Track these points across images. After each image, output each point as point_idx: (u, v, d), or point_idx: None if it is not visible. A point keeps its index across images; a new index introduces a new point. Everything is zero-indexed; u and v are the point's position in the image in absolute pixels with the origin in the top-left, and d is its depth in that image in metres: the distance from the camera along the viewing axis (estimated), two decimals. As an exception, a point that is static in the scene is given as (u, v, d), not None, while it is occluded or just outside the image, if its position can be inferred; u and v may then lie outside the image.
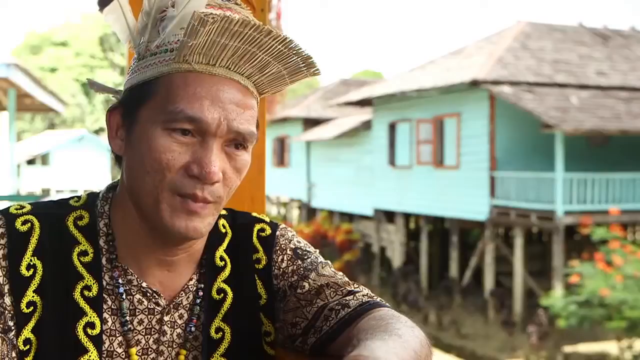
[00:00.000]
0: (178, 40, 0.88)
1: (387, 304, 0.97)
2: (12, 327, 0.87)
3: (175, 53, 0.87)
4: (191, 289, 0.97)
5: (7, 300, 0.88)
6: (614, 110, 15.67)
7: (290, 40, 0.88)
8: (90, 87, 1.01)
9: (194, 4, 0.87)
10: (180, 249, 0.94)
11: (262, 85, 0.94)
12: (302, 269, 1.02)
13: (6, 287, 0.88)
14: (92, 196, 0.99)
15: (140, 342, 0.94)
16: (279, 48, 0.88)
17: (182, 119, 0.85)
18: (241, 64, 0.89)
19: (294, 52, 0.90)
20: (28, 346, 0.87)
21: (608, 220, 13.89)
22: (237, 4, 0.95)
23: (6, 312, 0.87)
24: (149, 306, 0.94)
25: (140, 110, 0.89)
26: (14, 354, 0.86)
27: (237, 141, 0.89)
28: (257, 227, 1.06)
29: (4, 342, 0.86)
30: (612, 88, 16.88)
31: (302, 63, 0.92)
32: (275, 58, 0.90)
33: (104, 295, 0.92)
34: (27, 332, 0.87)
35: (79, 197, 0.99)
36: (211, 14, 0.84)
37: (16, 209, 0.93)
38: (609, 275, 12.22)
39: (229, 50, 0.87)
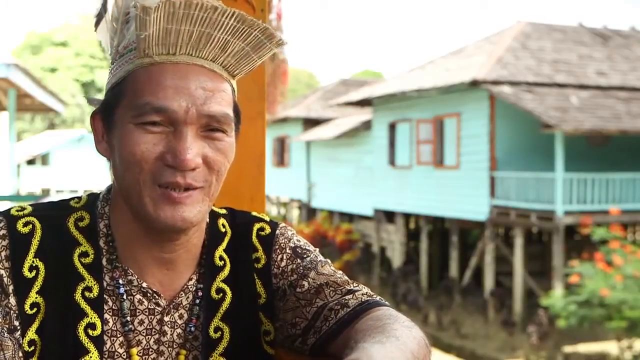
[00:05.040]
0: None
1: (386, 302, 0.97)
2: (18, 327, 0.87)
3: (137, 49, 0.88)
4: (191, 289, 0.98)
5: (12, 300, 0.88)
6: (613, 110, 15.67)
7: (240, 14, 0.88)
8: (90, 103, 1.02)
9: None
10: (177, 244, 0.94)
11: (231, 66, 0.93)
12: (301, 267, 1.02)
13: (10, 288, 0.88)
14: (92, 197, 0.99)
15: (141, 343, 0.94)
16: (232, 24, 0.88)
17: (150, 111, 0.86)
18: (201, 47, 0.89)
19: (248, 25, 0.89)
20: (33, 347, 0.88)
21: (608, 220, 13.89)
22: None
23: (12, 312, 0.88)
24: (149, 306, 0.94)
25: (115, 111, 0.90)
26: (20, 354, 0.87)
27: (212, 125, 0.88)
28: (257, 226, 1.06)
29: (12, 342, 0.86)
30: (612, 88, 16.88)
31: (262, 35, 0.91)
32: (232, 35, 0.90)
33: (105, 296, 0.92)
34: (31, 334, 0.88)
35: (79, 198, 0.99)
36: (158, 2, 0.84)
37: (17, 211, 0.94)
38: (609, 275, 12.23)
39: (185, 36, 0.87)
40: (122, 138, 0.88)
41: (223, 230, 1.03)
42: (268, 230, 1.05)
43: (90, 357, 0.89)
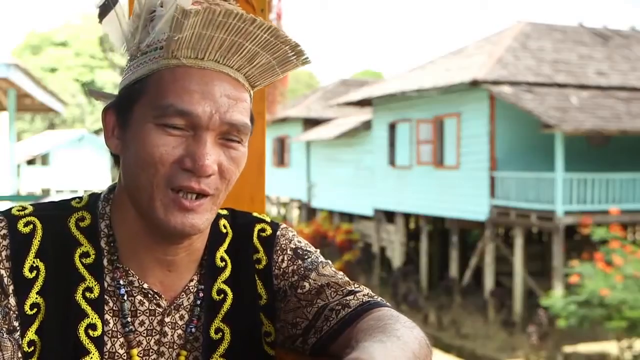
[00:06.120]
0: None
1: (387, 303, 0.97)
2: (17, 328, 0.87)
3: (164, 49, 0.87)
4: (192, 290, 0.98)
5: (12, 301, 0.88)
6: (614, 110, 15.67)
7: (275, 28, 0.89)
8: (90, 94, 1.02)
9: (181, 1, 0.87)
10: (180, 247, 0.94)
11: (254, 77, 0.94)
12: (302, 268, 1.02)
13: (10, 288, 0.88)
14: (93, 197, 0.99)
15: (142, 344, 0.94)
16: (266, 37, 0.89)
17: (173, 113, 0.86)
18: (229, 56, 0.89)
19: (281, 40, 0.90)
20: (32, 348, 0.88)
21: (608, 220, 13.89)
22: None
23: (11, 312, 0.87)
24: (150, 307, 0.94)
25: (134, 108, 0.89)
26: (19, 355, 0.86)
27: (231, 134, 0.89)
28: (258, 227, 1.05)
29: (11, 343, 0.86)
30: (612, 88, 16.87)
31: (291, 52, 0.92)
32: (263, 48, 0.90)
33: (106, 296, 0.92)
34: (31, 334, 0.88)
35: (80, 198, 0.99)
36: (195, 7, 0.84)
37: (18, 210, 0.93)
38: (609, 275, 12.23)
39: (216, 43, 0.87)
40: (139, 137, 0.87)
41: (224, 231, 1.03)
42: (269, 231, 1.05)
43: (91, 357, 0.89)
